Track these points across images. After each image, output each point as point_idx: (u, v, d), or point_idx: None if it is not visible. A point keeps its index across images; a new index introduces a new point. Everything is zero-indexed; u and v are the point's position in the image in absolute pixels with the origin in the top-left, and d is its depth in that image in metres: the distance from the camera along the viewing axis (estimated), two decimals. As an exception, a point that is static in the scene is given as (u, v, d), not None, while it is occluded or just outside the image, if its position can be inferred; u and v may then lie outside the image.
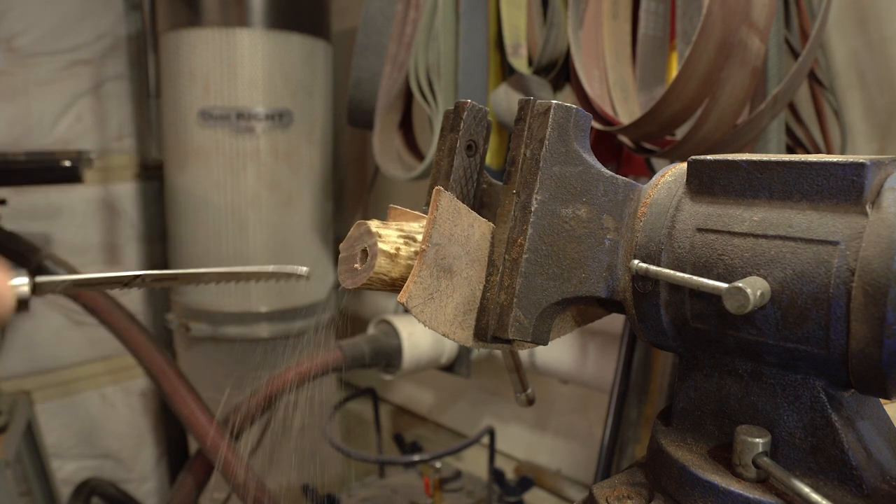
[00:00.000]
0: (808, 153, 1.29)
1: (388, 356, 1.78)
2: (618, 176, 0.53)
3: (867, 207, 0.41)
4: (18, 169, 2.05)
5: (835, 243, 0.41)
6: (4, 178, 2.03)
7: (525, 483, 1.73)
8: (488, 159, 1.33)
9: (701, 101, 1.11)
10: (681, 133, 1.22)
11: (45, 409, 2.20)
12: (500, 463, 1.86)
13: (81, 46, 2.21)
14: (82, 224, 2.26)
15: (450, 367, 1.94)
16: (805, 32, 1.22)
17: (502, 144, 1.58)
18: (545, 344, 0.52)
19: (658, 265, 0.49)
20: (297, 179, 1.98)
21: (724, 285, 0.42)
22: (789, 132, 1.28)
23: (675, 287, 0.48)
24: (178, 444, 2.49)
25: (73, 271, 1.71)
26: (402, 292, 0.49)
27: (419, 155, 1.76)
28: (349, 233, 0.52)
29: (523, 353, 1.77)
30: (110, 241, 2.35)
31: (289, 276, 0.59)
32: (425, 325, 0.49)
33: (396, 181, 1.74)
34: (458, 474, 1.79)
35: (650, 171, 1.40)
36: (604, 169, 0.52)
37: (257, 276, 0.57)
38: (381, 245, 0.49)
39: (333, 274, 2.14)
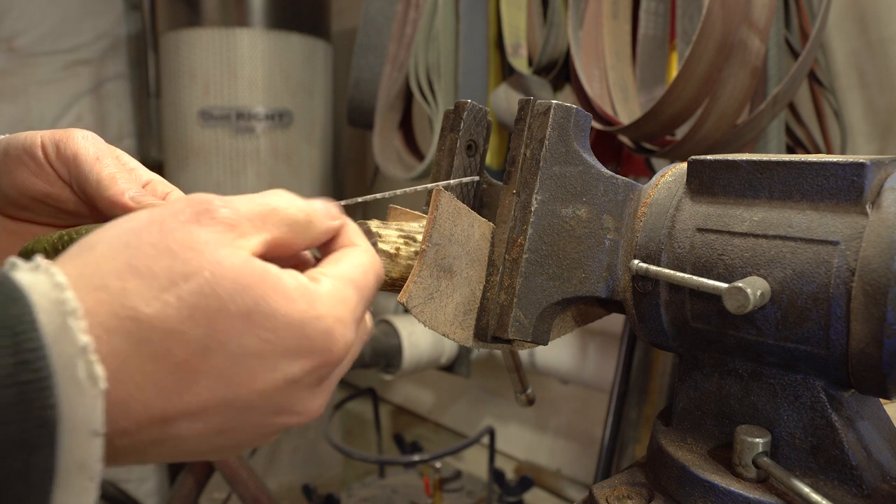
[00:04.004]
0: (808, 153, 1.29)
1: (388, 356, 1.78)
2: (618, 176, 0.53)
3: (867, 207, 0.41)
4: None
5: (835, 243, 0.41)
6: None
7: (525, 483, 1.73)
8: (488, 159, 1.34)
9: (701, 101, 1.12)
10: (681, 133, 1.22)
11: (45, 409, 2.19)
12: (500, 463, 1.86)
13: (81, 46, 2.21)
14: (82, 224, 2.26)
15: (450, 367, 1.94)
16: (805, 32, 1.22)
17: (502, 144, 1.58)
18: (545, 344, 0.52)
19: (658, 265, 0.49)
20: (297, 179, 1.98)
21: (724, 285, 0.42)
22: (789, 132, 1.28)
23: (675, 287, 0.48)
24: (178, 444, 2.49)
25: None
26: (402, 292, 0.49)
27: (419, 155, 1.76)
28: (349, 233, 0.52)
29: (523, 353, 1.77)
30: (110, 241, 2.34)
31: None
32: (425, 325, 0.49)
33: (396, 181, 1.74)
34: (458, 474, 1.79)
35: (650, 171, 1.40)
36: (604, 169, 0.52)
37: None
38: (381, 245, 0.49)
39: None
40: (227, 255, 0.33)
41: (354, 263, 0.40)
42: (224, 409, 0.33)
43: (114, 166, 0.47)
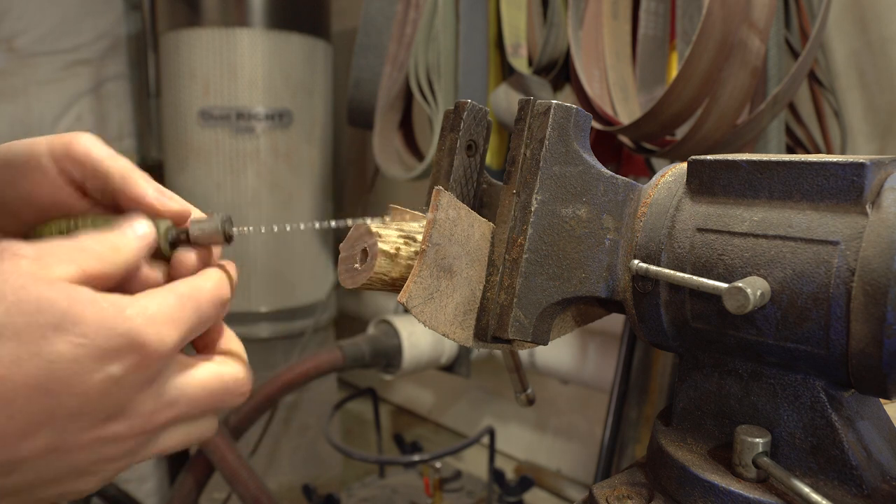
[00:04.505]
0: (808, 153, 1.29)
1: (388, 356, 1.78)
2: (618, 176, 0.53)
3: (867, 207, 0.41)
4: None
5: (835, 243, 0.41)
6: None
7: (525, 483, 1.73)
8: (488, 159, 1.34)
9: (701, 101, 1.11)
10: (681, 133, 1.22)
11: (45, 409, 2.19)
12: (500, 463, 1.86)
13: (81, 46, 2.21)
14: (82, 224, 2.26)
15: (450, 367, 1.94)
16: (805, 32, 1.22)
17: (502, 144, 1.58)
18: (545, 344, 0.52)
19: (658, 265, 0.49)
20: (297, 179, 1.98)
21: (724, 285, 0.42)
22: (789, 132, 1.28)
23: (675, 287, 0.48)
24: (178, 444, 2.49)
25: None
26: (402, 292, 0.49)
27: (419, 155, 1.76)
28: (349, 233, 0.52)
29: (523, 353, 1.77)
30: (110, 241, 2.34)
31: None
32: (425, 325, 0.49)
33: (396, 181, 1.74)
34: (458, 474, 1.79)
35: (650, 171, 1.40)
36: (604, 169, 0.52)
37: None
38: (381, 245, 0.49)
39: (333, 274, 2.14)
40: (29, 280, 0.34)
41: (191, 282, 0.42)
42: (49, 420, 0.34)
43: (128, 164, 0.47)
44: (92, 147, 0.47)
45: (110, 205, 0.48)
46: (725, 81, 1.09)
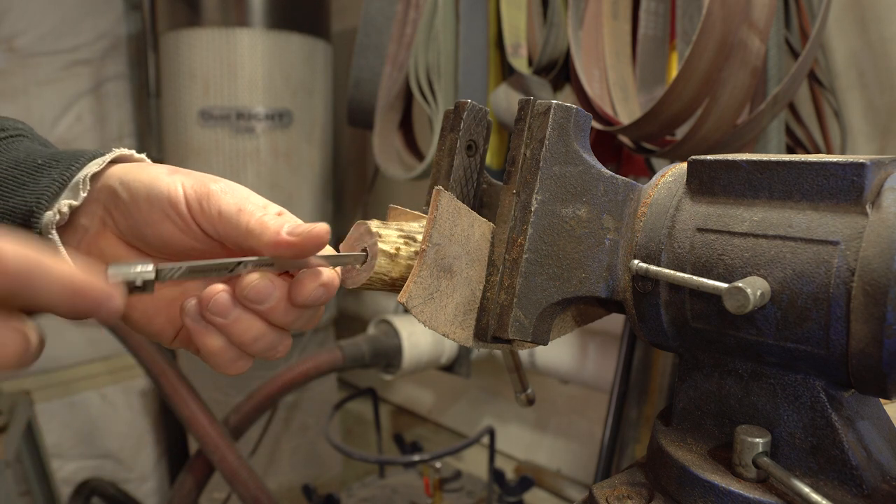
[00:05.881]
0: (808, 153, 1.29)
1: (388, 356, 1.78)
2: (618, 176, 0.53)
3: (867, 207, 0.41)
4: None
5: (835, 243, 0.41)
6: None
7: (525, 483, 1.73)
8: (488, 159, 1.34)
9: (701, 101, 1.11)
10: (681, 133, 1.22)
11: (46, 409, 2.20)
12: (500, 463, 1.86)
13: (81, 46, 2.21)
14: (82, 224, 2.25)
15: (450, 367, 1.94)
16: (805, 32, 1.22)
17: (502, 144, 1.58)
18: (545, 344, 0.52)
19: (658, 265, 0.49)
20: (297, 179, 1.98)
21: (724, 285, 0.42)
22: (789, 132, 1.28)
23: (675, 287, 0.48)
24: (178, 444, 2.49)
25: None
26: (402, 292, 0.49)
27: (419, 155, 1.76)
28: (349, 233, 0.52)
29: (523, 353, 1.77)
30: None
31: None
32: (425, 325, 0.49)
33: (396, 181, 1.74)
34: (458, 474, 1.79)
35: (650, 171, 1.40)
36: (604, 169, 0.52)
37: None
38: (381, 245, 0.49)
39: (333, 274, 2.14)
40: None
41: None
42: None
43: (255, 210, 0.47)
44: (223, 204, 0.47)
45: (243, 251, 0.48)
46: (725, 81, 1.09)
